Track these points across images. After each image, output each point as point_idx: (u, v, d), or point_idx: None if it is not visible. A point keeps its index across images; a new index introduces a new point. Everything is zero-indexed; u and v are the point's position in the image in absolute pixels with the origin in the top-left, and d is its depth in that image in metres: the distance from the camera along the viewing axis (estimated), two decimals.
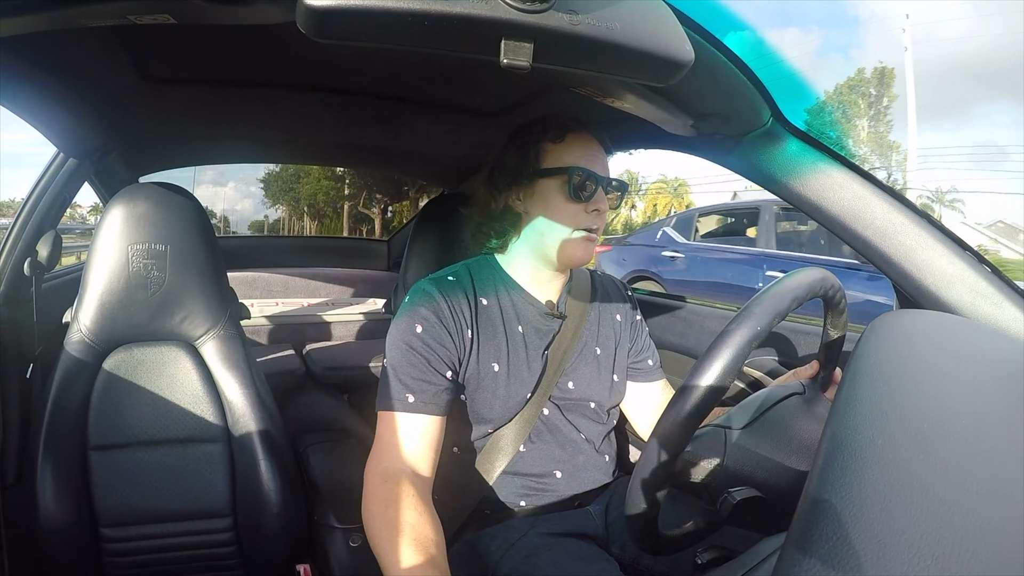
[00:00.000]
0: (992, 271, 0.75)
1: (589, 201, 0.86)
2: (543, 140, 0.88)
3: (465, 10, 0.45)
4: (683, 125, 0.82)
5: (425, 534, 0.72)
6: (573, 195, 0.86)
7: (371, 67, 1.05)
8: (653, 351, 1.06)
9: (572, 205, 0.86)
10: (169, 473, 1.01)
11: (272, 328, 1.84)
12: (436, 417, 0.83)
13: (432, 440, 0.83)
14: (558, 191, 0.86)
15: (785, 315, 0.59)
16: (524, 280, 0.94)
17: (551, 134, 0.88)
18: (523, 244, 0.92)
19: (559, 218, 0.87)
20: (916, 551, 0.30)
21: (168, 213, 1.01)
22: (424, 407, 0.82)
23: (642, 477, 0.56)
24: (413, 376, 0.83)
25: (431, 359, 0.84)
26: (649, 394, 1.04)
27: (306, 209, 11.52)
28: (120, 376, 0.99)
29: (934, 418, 0.42)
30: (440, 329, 0.85)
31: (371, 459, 0.83)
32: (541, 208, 0.88)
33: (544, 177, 0.87)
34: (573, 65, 0.53)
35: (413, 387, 0.82)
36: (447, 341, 0.85)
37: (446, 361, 0.85)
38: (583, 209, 0.87)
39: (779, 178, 0.84)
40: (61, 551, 0.94)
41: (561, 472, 0.92)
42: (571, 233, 0.87)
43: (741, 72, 0.70)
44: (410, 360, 0.83)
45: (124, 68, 0.96)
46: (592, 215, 0.87)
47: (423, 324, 0.85)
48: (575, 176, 0.85)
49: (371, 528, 0.76)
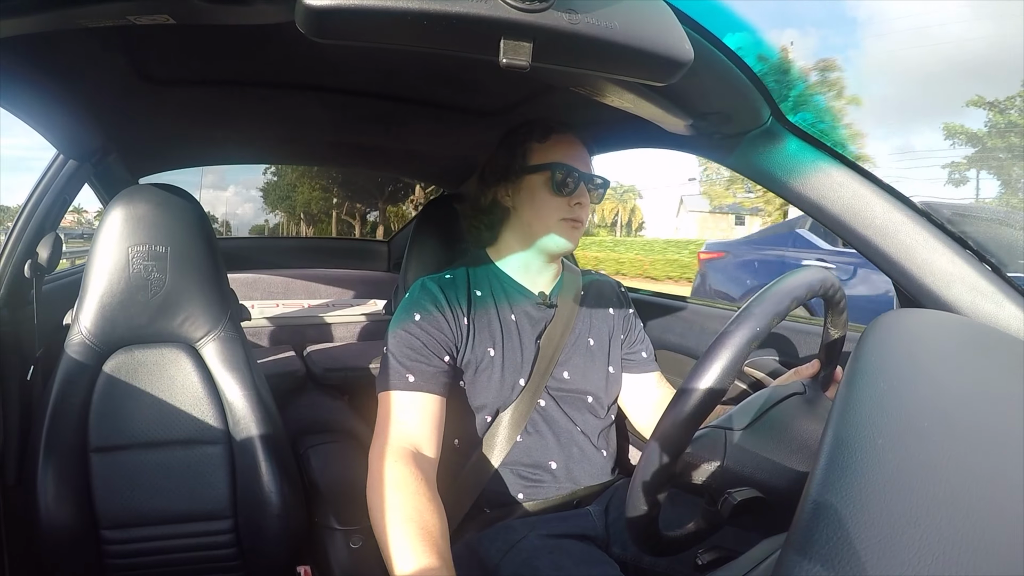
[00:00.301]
0: (992, 270, 0.75)
1: (571, 195, 0.93)
2: (529, 140, 0.96)
3: (464, 9, 0.45)
4: (683, 124, 0.82)
5: (431, 523, 0.72)
6: (556, 189, 0.93)
7: (371, 67, 1.05)
8: (648, 344, 1.10)
9: (556, 198, 0.93)
10: (170, 475, 1.00)
11: (273, 329, 1.84)
12: (436, 396, 0.86)
13: (434, 419, 0.85)
14: (543, 186, 0.94)
15: (784, 315, 0.59)
16: (516, 272, 1.00)
17: (536, 134, 0.96)
18: (512, 236, 0.99)
19: (544, 210, 0.94)
20: (917, 551, 0.30)
21: (168, 215, 1.01)
22: (424, 385, 0.86)
23: (643, 478, 0.56)
24: (412, 358, 0.87)
25: (428, 343, 0.88)
26: (644, 386, 1.07)
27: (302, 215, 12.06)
28: (121, 378, 0.99)
29: (935, 418, 0.42)
30: (438, 316, 0.90)
31: (375, 441, 0.84)
32: (528, 202, 0.95)
33: (530, 173, 0.95)
34: (572, 64, 0.53)
35: (412, 368, 0.86)
36: (444, 328, 0.90)
37: (443, 346, 0.89)
38: (566, 203, 0.93)
39: (779, 177, 0.84)
40: (62, 553, 0.94)
41: (556, 463, 0.94)
42: (557, 222, 0.94)
43: (740, 71, 0.70)
44: (409, 343, 0.88)
45: (124, 69, 0.96)
46: (575, 208, 0.94)
47: (421, 313, 0.90)
48: (558, 172, 0.93)
49: (376, 513, 0.76)
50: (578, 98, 0.72)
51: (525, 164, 0.95)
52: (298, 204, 12.04)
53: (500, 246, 1.01)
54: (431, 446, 0.84)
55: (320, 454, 1.26)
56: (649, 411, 1.05)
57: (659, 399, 1.05)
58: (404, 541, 0.70)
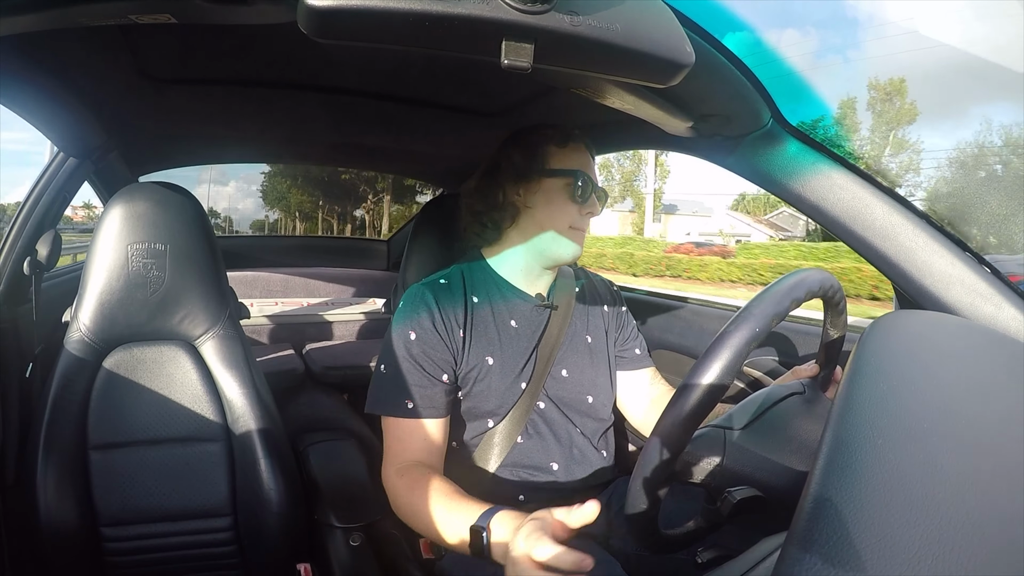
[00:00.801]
0: (992, 272, 0.75)
1: (585, 203, 0.94)
2: (549, 143, 0.95)
3: (466, 11, 0.45)
4: (683, 126, 0.82)
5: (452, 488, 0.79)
6: (576, 197, 0.93)
7: (371, 67, 1.05)
8: (641, 341, 1.10)
9: (572, 205, 0.93)
10: (169, 472, 1.01)
11: (272, 327, 1.84)
12: (437, 420, 0.89)
13: (437, 439, 0.88)
14: (562, 190, 0.93)
15: (784, 316, 0.59)
16: (514, 277, 0.99)
17: (556, 139, 0.95)
18: (519, 237, 0.98)
19: (559, 215, 0.94)
20: (916, 551, 0.30)
21: (168, 212, 1.01)
22: (424, 411, 0.87)
23: (643, 476, 0.56)
24: (411, 383, 0.88)
25: (426, 365, 0.89)
26: (638, 382, 1.07)
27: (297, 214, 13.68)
28: (120, 375, 0.99)
29: (934, 418, 0.42)
30: (433, 335, 0.90)
31: (384, 466, 0.89)
32: (544, 204, 0.94)
33: (549, 177, 0.94)
34: (574, 66, 0.53)
35: (412, 393, 0.88)
36: (440, 346, 0.90)
37: (440, 365, 0.90)
38: (579, 210, 0.94)
39: (779, 179, 0.84)
40: (61, 551, 0.94)
41: (558, 464, 0.94)
42: (567, 229, 0.94)
43: (741, 73, 0.70)
44: (406, 368, 0.89)
45: (124, 67, 0.96)
46: (585, 217, 0.94)
47: (416, 331, 0.90)
48: (580, 179, 0.92)
49: (407, 513, 0.82)
50: (579, 99, 0.72)
51: (544, 167, 0.94)
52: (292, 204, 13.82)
53: (501, 246, 1.00)
54: (438, 459, 0.89)
55: (319, 452, 1.26)
56: (644, 408, 1.05)
57: (655, 396, 1.05)
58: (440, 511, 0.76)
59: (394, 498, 0.85)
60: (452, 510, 0.75)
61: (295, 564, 1.04)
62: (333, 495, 1.12)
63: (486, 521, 0.69)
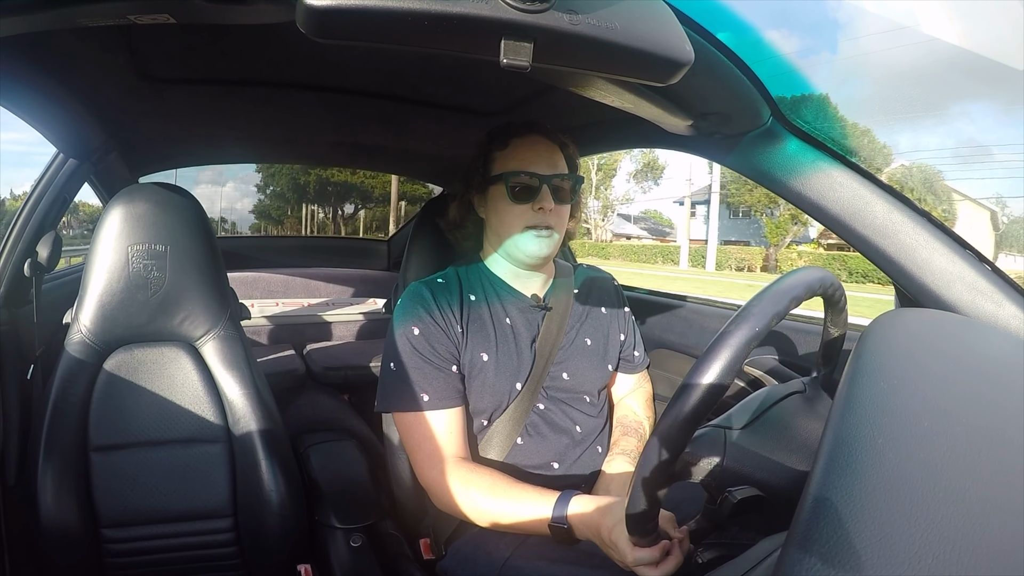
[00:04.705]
0: (992, 269, 0.75)
1: (533, 201, 0.91)
2: (493, 149, 0.95)
3: (465, 10, 0.45)
4: (683, 124, 0.82)
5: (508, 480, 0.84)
6: (513, 197, 0.91)
7: (371, 67, 1.05)
8: (641, 344, 1.11)
9: (517, 206, 0.91)
10: (170, 473, 1.01)
11: (272, 328, 1.84)
12: (457, 409, 0.90)
13: (457, 428, 0.90)
14: (503, 195, 0.92)
15: (784, 315, 0.59)
16: (507, 276, 0.99)
17: (497, 142, 0.95)
18: (490, 245, 0.99)
19: (508, 219, 0.92)
20: (916, 550, 0.30)
21: (168, 213, 1.01)
22: (443, 402, 0.88)
23: (643, 475, 0.56)
24: (423, 376, 0.88)
25: (433, 357, 0.89)
26: (629, 384, 1.09)
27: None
28: (121, 377, 0.99)
29: (934, 417, 0.42)
30: (435, 328, 0.91)
31: (421, 467, 0.89)
32: (493, 212, 0.95)
33: (493, 184, 0.94)
34: (573, 65, 0.53)
35: (424, 386, 0.88)
36: (443, 338, 0.91)
37: (446, 356, 0.90)
38: (529, 208, 0.91)
39: (779, 177, 0.84)
40: (62, 552, 0.94)
41: (559, 464, 0.94)
42: (521, 231, 0.92)
43: (741, 72, 0.70)
44: (416, 363, 0.89)
45: (124, 68, 0.96)
46: (538, 214, 0.91)
47: (419, 326, 0.90)
48: (511, 181, 0.91)
49: (472, 511, 0.84)
50: (578, 98, 0.72)
51: (488, 174, 0.94)
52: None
53: (487, 250, 1.01)
54: (463, 449, 0.90)
55: (320, 452, 1.26)
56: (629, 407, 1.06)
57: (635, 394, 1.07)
58: (510, 504, 0.80)
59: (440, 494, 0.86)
60: (521, 500, 0.80)
61: (296, 565, 1.04)
62: (334, 496, 1.12)
63: (563, 511, 0.76)
